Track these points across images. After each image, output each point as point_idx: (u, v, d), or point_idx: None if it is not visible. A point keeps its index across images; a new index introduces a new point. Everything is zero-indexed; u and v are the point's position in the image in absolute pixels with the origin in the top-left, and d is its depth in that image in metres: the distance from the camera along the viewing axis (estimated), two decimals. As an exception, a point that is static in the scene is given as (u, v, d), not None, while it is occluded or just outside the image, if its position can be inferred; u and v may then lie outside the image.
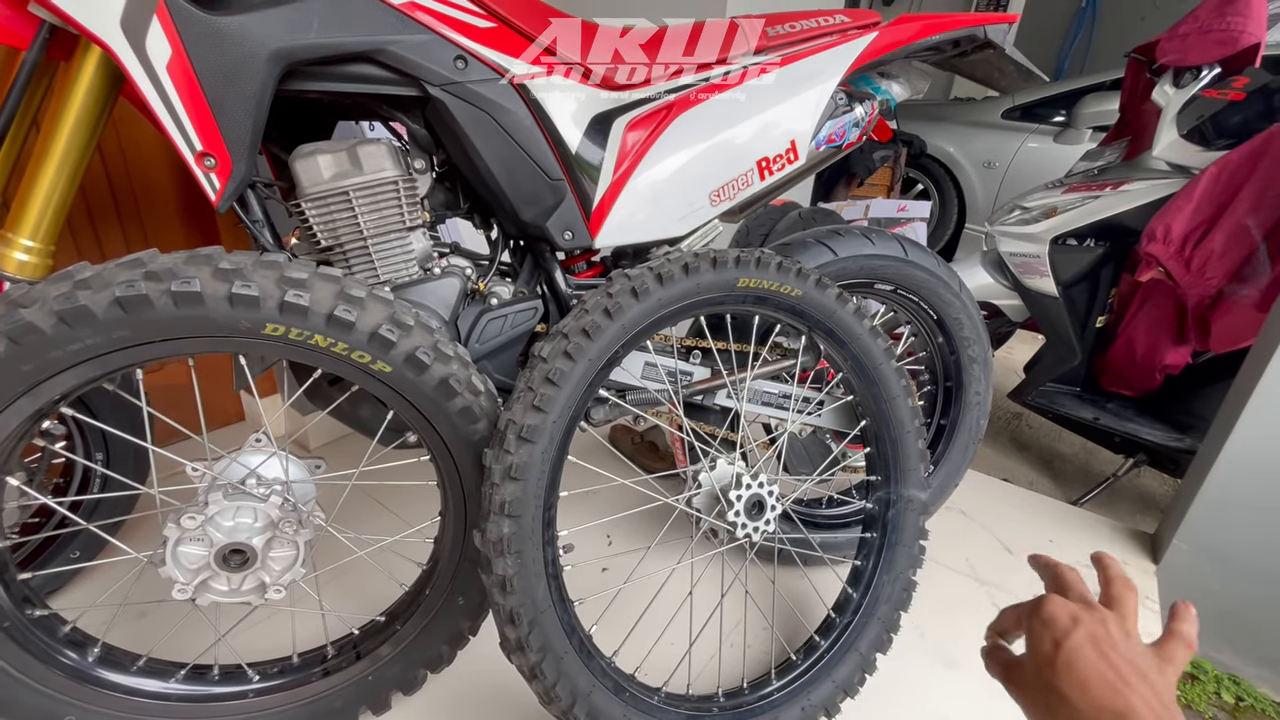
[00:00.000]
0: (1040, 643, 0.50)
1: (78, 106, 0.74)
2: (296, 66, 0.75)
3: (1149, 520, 1.95)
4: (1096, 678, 0.46)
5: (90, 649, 0.80)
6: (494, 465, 0.76)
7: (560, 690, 0.78)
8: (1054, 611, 0.51)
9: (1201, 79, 1.67)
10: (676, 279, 0.84)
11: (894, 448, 1.05)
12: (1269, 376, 1.27)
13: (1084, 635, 0.48)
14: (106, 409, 1.02)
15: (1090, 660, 0.47)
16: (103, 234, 1.40)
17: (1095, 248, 1.81)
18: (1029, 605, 0.54)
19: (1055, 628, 0.49)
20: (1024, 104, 3.70)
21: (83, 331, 0.63)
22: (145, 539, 0.86)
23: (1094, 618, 0.50)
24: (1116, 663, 0.47)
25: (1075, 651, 0.47)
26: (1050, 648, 0.48)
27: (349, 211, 0.85)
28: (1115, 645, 0.48)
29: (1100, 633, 0.48)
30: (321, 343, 0.72)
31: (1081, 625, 0.49)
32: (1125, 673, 0.46)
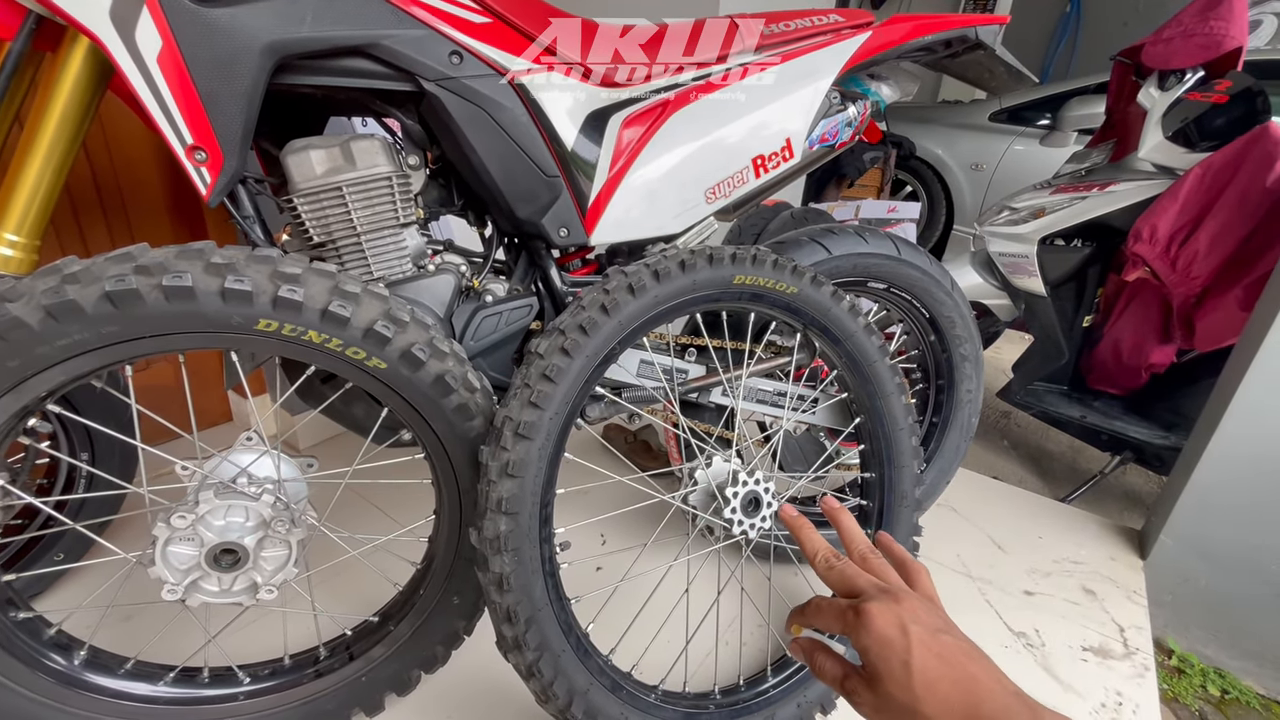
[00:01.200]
0: (888, 666, 0.49)
1: (64, 99, 0.73)
2: (289, 60, 0.75)
3: (1135, 517, 1.98)
4: (947, 685, 0.47)
5: (77, 652, 0.78)
6: (490, 462, 0.75)
7: (557, 688, 0.77)
8: (885, 630, 0.50)
9: (1185, 82, 1.70)
10: (673, 275, 0.84)
11: (888, 445, 1.06)
12: (1252, 374, 1.29)
13: (919, 643, 0.49)
14: (93, 407, 1.01)
15: (935, 670, 0.47)
16: (87, 230, 1.38)
17: (1082, 248, 1.84)
18: (848, 610, 0.53)
19: (894, 647, 0.49)
20: (1010, 107, 3.75)
21: (71, 327, 0.62)
22: (132, 539, 0.85)
23: (912, 615, 0.50)
24: (950, 658, 0.48)
25: (923, 668, 0.47)
26: (900, 671, 0.48)
27: (342, 207, 0.84)
28: (938, 636, 0.49)
29: (925, 633, 0.49)
30: (315, 339, 0.71)
31: (912, 633, 0.49)
32: (961, 665, 0.47)
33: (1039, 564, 1.43)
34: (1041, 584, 1.37)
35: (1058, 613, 1.29)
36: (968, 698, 0.45)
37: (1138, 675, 1.15)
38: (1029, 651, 1.18)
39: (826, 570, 0.59)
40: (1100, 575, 1.41)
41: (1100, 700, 1.09)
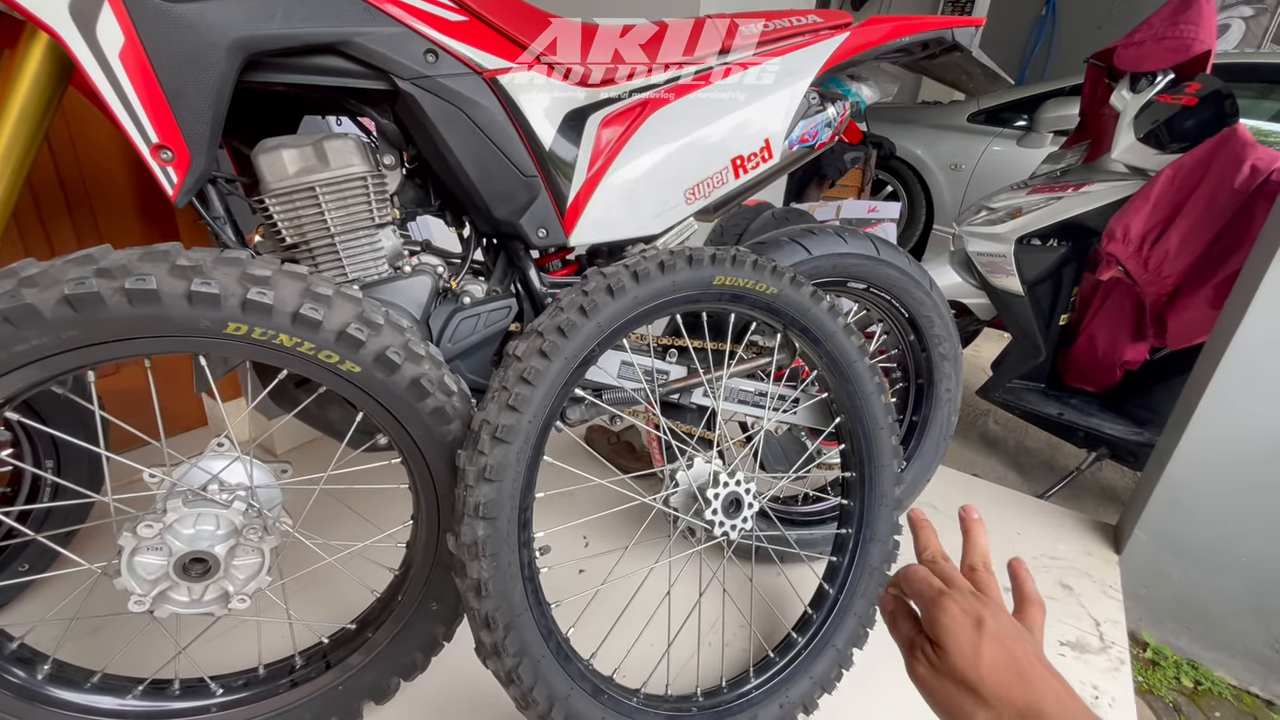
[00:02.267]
0: (957, 642, 0.50)
1: (23, 96, 0.70)
2: (259, 57, 0.73)
3: (1111, 512, 2.01)
4: (1012, 677, 0.47)
5: (40, 666, 0.76)
6: (468, 467, 0.74)
7: (538, 694, 0.77)
8: (957, 613, 0.51)
9: (1156, 84, 1.73)
10: (653, 277, 0.84)
11: (868, 444, 1.06)
12: (1222, 371, 1.32)
13: (991, 635, 0.49)
14: (57, 414, 0.98)
15: (1005, 661, 0.48)
16: (53, 231, 1.34)
17: (1058, 247, 1.87)
18: (932, 590, 0.54)
19: (966, 628, 0.50)
20: (989, 108, 3.80)
21: (28, 332, 0.60)
22: (100, 549, 0.82)
23: (993, 615, 0.51)
24: (1020, 658, 0.48)
25: (993, 655, 0.48)
26: (970, 649, 0.49)
27: (315, 208, 0.82)
28: (1015, 638, 0.50)
29: (1000, 630, 0.50)
30: (287, 342, 0.69)
31: (987, 626, 0.50)
32: (1030, 667, 0.48)
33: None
34: (1020, 580, 1.38)
35: (1036, 608, 1.30)
36: (1032, 696, 0.46)
37: (1113, 668, 1.17)
38: (1008, 647, 1.20)
39: (930, 564, 0.60)
40: (1077, 570, 1.43)
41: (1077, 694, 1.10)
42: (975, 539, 0.63)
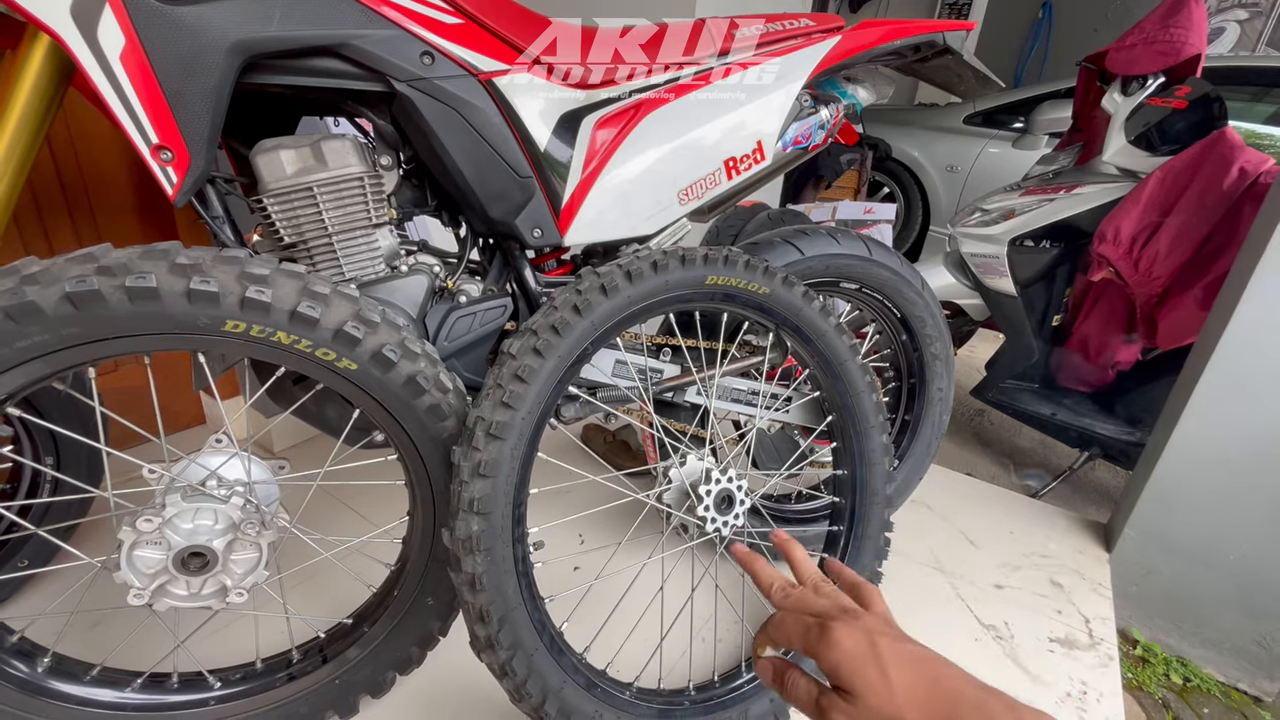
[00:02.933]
0: (866, 680, 0.48)
1: (25, 97, 0.71)
2: (258, 59, 0.74)
3: (1103, 511, 2.03)
4: (929, 693, 0.46)
5: (40, 659, 0.77)
6: (463, 462, 0.76)
7: (531, 687, 0.78)
8: (853, 644, 0.49)
9: (1147, 87, 1.75)
10: (645, 276, 0.85)
11: (860, 442, 1.07)
12: (1210, 372, 1.34)
13: (890, 652, 0.48)
14: (57, 410, 0.99)
15: (911, 676, 0.47)
16: (52, 231, 1.35)
17: (1051, 249, 1.88)
18: (813, 627, 0.52)
19: (867, 659, 0.48)
20: (984, 110, 3.82)
21: (30, 328, 0.61)
22: (99, 545, 0.83)
23: (876, 627, 0.50)
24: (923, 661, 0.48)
25: (900, 677, 0.47)
26: (880, 682, 0.47)
27: (313, 208, 0.83)
28: (905, 645, 0.49)
29: (892, 643, 0.49)
30: (284, 340, 0.70)
31: (881, 644, 0.49)
32: (932, 667, 0.48)
33: (1009, 558, 1.46)
34: (1011, 577, 1.40)
35: (1026, 605, 1.32)
36: (945, 699, 0.46)
37: (1102, 665, 1.18)
38: (998, 643, 1.21)
39: (783, 599, 0.59)
40: (1068, 568, 1.45)
41: (1066, 690, 1.12)
42: (797, 558, 0.64)
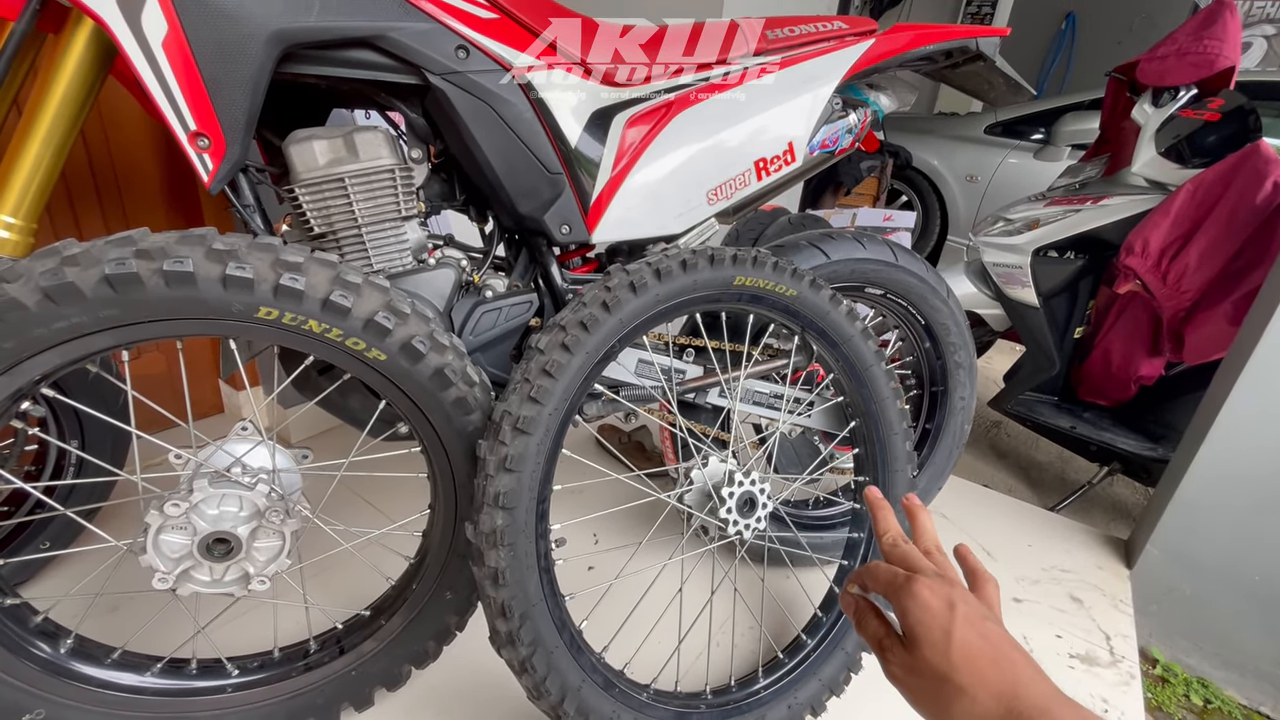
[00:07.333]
0: (928, 632, 0.49)
1: (66, 81, 0.72)
2: (295, 49, 0.74)
3: (1122, 527, 2.00)
4: (985, 662, 0.47)
5: (63, 640, 0.77)
6: (488, 457, 0.75)
7: (550, 685, 0.77)
8: (930, 599, 0.50)
9: (1179, 99, 1.72)
10: (674, 275, 0.84)
11: (882, 449, 1.06)
12: (1240, 388, 1.31)
13: (963, 618, 0.49)
14: (84, 392, 0.99)
15: (977, 646, 0.47)
16: (81, 215, 1.37)
17: (1075, 260, 1.86)
18: (899, 575, 0.54)
19: (936, 615, 0.49)
20: (1005, 120, 3.79)
21: (69, 309, 0.61)
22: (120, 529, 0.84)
23: (962, 597, 0.51)
24: (992, 640, 0.48)
25: (964, 641, 0.47)
26: (940, 637, 0.48)
27: (344, 198, 0.83)
28: (983, 619, 0.49)
29: (971, 613, 0.49)
30: (315, 328, 0.71)
31: (958, 609, 0.49)
32: (1001, 649, 0.47)
33: (1027, 571, 1.44)
34: (1030, 591, 1.38)
35: (1045, 620, 1.30)
36: (1006, 678, 0.45)
37: (1123, 683, 1.16)
38: (1017, 658, 1.19)
39: (890, 549, 0.59)
40: (1087, 584, 1.43)
41: (1086, 706, 1.10)
42: (922, 523, 0.63)
